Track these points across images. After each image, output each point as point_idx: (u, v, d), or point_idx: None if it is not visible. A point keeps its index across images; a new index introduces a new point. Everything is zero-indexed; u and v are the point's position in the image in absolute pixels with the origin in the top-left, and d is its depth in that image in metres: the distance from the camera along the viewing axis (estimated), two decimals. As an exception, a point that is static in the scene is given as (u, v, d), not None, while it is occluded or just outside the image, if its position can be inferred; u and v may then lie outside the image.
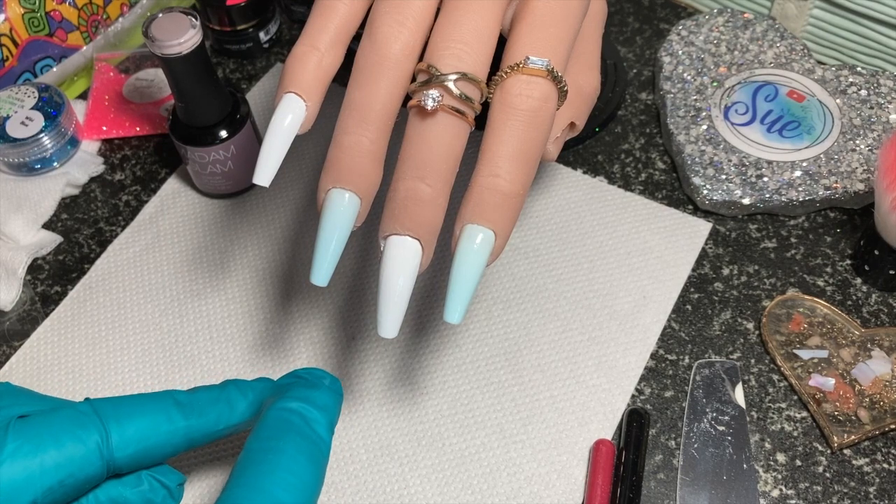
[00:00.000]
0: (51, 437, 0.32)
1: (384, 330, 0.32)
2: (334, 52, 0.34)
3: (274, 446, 0.33)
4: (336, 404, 0.36)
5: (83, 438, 0.32)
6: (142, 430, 0.34)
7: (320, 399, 0.35)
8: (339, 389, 0.37)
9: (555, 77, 0.32)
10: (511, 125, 0.32)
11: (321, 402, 0.35)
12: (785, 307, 0.47)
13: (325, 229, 0.33)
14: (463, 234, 0.32)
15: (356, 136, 0.32)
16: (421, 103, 0.31)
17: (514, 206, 0.32)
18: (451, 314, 0.32)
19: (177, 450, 0.35)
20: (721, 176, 0.51)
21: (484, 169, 0.32)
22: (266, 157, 0.33)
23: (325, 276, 0.33)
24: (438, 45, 0.32)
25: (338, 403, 0.36)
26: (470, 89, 0.32)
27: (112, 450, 0.33)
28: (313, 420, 0.34)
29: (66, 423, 0.33)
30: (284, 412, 0.34)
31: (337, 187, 0.32)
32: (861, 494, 0.42)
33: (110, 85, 0.59)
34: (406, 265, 0.32)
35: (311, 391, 0.35)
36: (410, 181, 0.32)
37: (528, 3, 0.33)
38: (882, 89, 0.54)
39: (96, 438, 0.33)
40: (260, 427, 0.34)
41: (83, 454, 0.32)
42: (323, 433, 0.34)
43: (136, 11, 0.62)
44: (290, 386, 0.36)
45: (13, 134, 0.53)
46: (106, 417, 0.33)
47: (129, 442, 0.33)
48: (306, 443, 0.33)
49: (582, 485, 0.42)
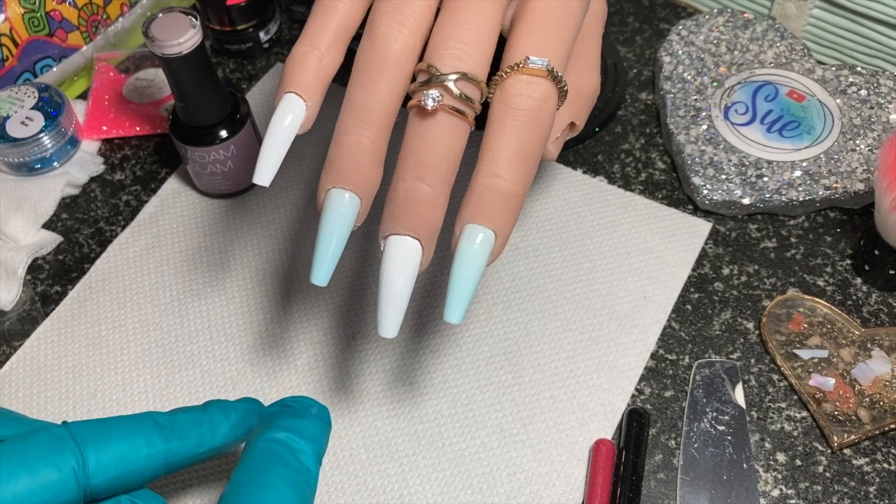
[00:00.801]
0: (24, 464, 0.31)
1: (384, 330, 0.32)
2: (334, 52, 0.34)
3: (261, 479, 0.33)
4: (323, 434, 0.36)
5: (58, 464, 0.31)
6: (120, 455, 0.33)
7: (308, 429, 0.35)
8: (327, 419, 0.37)
9: (555, 77, 0.32)
10: (511, 125, 0.32)
11: (308, 432, 0.35)
12: (785, 307, 0.47)
13: (325, 229, 0.33)
14: (463, 233, 0.32)
15: (356, 136, 0.32)
16: (421, 103, 0.31)
17: (514, 205, 0.32)
18: (452, 314, 0.32)
19: (156, 473, 0.34)
20: (721, 176, 0.51)
21: (484, 169, 0.32)
22: (266, 156, 0.33)
23: (325, 276, 0.33)
24: (438, 45, 0.32)
25: (325, 433, 0.36)
26: (470, 89, 0.32)
27: (89, 475, 0.32)
28: (300, 451, 0.34)
29: (41, 448, 0.31)
30: (272, 443, 0.34)
31: (337, 187, 0.32)
32: (861, 494, 0.42)
33: (110, 85, 0.59)
34: (406, 265, 0.32)
35: (299, 420, 0.35)
36: (410, 181, 0.32)
37: (528, 3, 0.33)
38: (882, 89, 0.54)
39: (72, 464, 0.32)
40: (246, 458, 0.34)
41: (58, 480, 0.31)
42: (310, 464, 0.34)
43: (136, 11, 0.62)
44: (278, 415, 0.36)
45: (13, 134, 0.53)
46: (83, 441, 0.32)
47: (107, 467, 0.32)
48: (293, 474, 0.33)
49: (582, 485, 0.42)
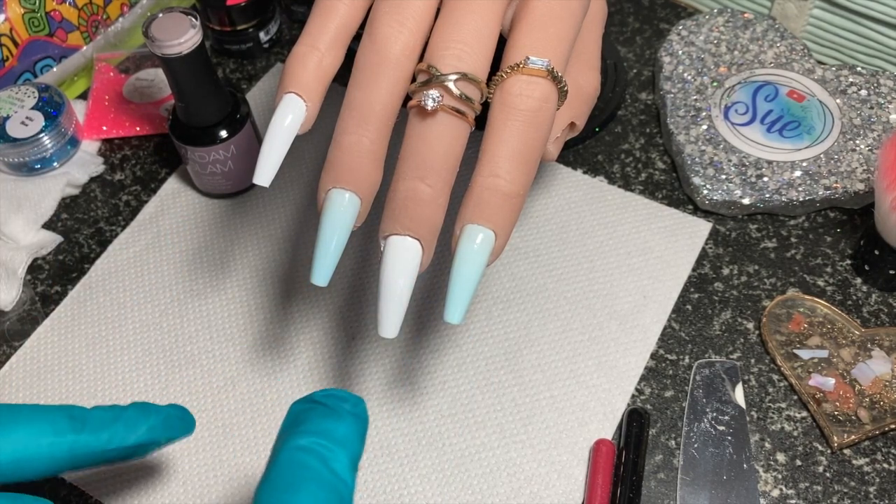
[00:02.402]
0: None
1: (385, 330, 0.32)
2: (334, 53, 0.34)
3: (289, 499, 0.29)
4: (359, 434, 0.31)
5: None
6: (22, 439, 0.32)
7: (340, 430, 0.31)
8: (363, 413, 0.32)
9: (555, 77, 0.32)
10: (511, 125, 0.32)
11: (341, 434, 0.31)
12: (785, 307, 0.47)
13: (326, 229, 0.33)
14: (463, 234, 0.32)
15: (356, 137, 0.32)
16: (421, 103, 0.31)
17: (514, 206, 0.32)
18: (452, 314, 0.32)
19: (59, 465, 0.33)
20: (721, 176, 0.51)
21: (484, 169, 0.32)
22: (266, 157, 0.33)
23: (325, 277, 0.33)
24: (438, 45, 0.32)
25: (361, 432, 0.32)
26: (470, 89, 0.32)
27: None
28: (332, 459, 0.30)
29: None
30: (298, 453, 0.30)
31: (337, 187, 0.32)
32: (861, 494, 0.42)
33: (110, 85, 0.59)
34: (406, 265, 0.32)
35: (329, 422, 0.31)
36: (410, 181, 0.32)
37: (528, 3, 0.33)
38: (882, 89, 0.54)
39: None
40: (272, 473, 0.30)
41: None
42: (344, 473, 0.30)
43: (136, 11, 0.62)
44: (305, 415, 0.31)
45: (13, 134, 0.53)
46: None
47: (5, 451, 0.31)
48: (324, 491, 0.29)
49: (582, 485, 0.42)
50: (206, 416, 0.45)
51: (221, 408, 0.46)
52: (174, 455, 0.44)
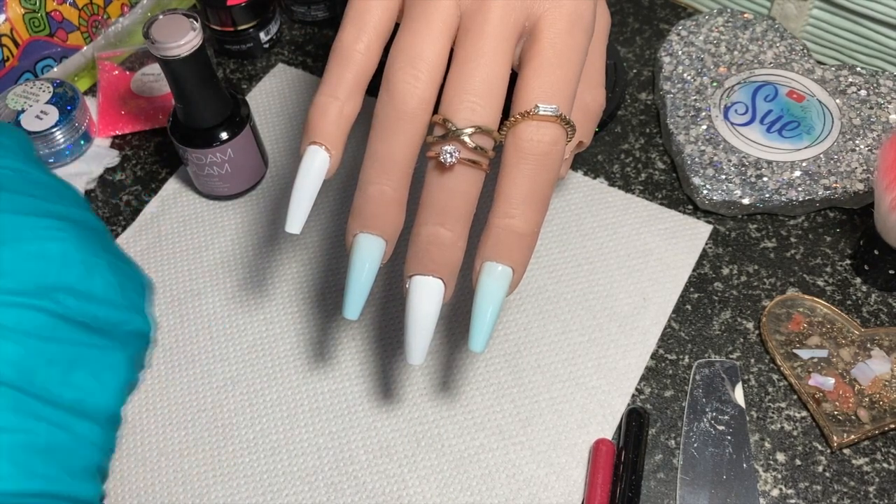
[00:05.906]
0: None
1: (413, 358, 0.35)
2: (354, 100, 0.35)
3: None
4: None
5: None
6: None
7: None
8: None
9: (564, 121, 0.33)
10: (523, 169, 0.33)
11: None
12: (785, 307, 0.47)
13: (356, 268, 0.35)
14: (483, 270, 0.34)
15: (380, 186, 0.34)
16: (440, 158, 0.33)
17: (528, 244, 0.34)
18: (476, 343, 0.34)
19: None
20: (721, 176, 0.51)
21: (500, 210, 0.34)
22: (296, 206, 0.35)
23: (356, 311, 0.35)
24: (453, 99, 0.33)
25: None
26: (484, 140, 0.33)
27: None
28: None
29: None
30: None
31: (364, 232, 0.35)
32: (861, 494, 0.42)
33: (116, 82, 0.59)
34: (430, 301, 0.34)
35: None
36: (432, 227, 0.34)
37: (535, 45, 0.34)
38: (882, 89, 0.54)
39: None
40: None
41: None
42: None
43: (137, 11, 0.62)
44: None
45: (28, 127, 0.54)
46: None
47: None
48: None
49: (581, 487, 0.42)
50: (206, 416, 0.45)
51: (221, 408, 0.46)
52: (174, 455, 0.44)
